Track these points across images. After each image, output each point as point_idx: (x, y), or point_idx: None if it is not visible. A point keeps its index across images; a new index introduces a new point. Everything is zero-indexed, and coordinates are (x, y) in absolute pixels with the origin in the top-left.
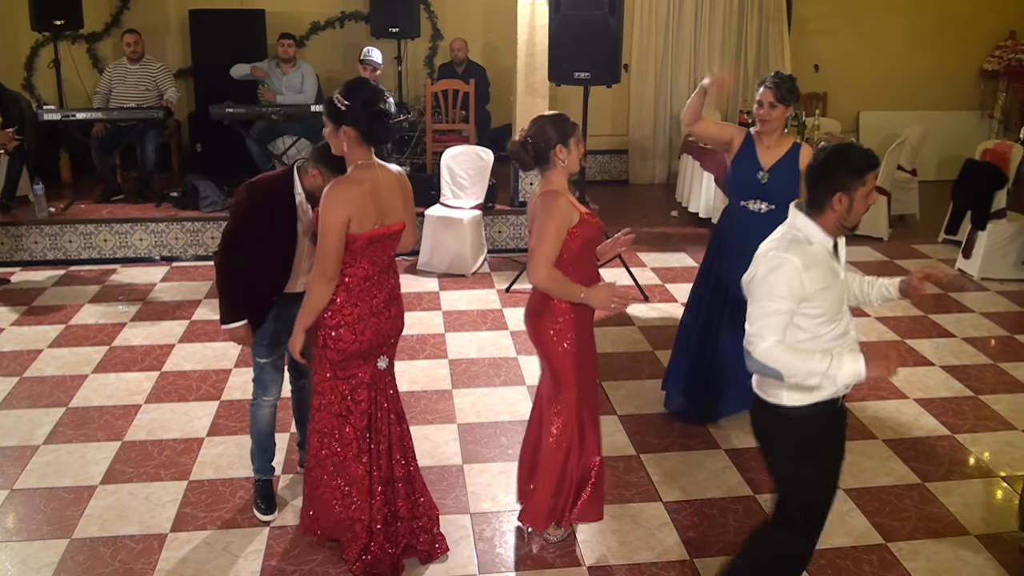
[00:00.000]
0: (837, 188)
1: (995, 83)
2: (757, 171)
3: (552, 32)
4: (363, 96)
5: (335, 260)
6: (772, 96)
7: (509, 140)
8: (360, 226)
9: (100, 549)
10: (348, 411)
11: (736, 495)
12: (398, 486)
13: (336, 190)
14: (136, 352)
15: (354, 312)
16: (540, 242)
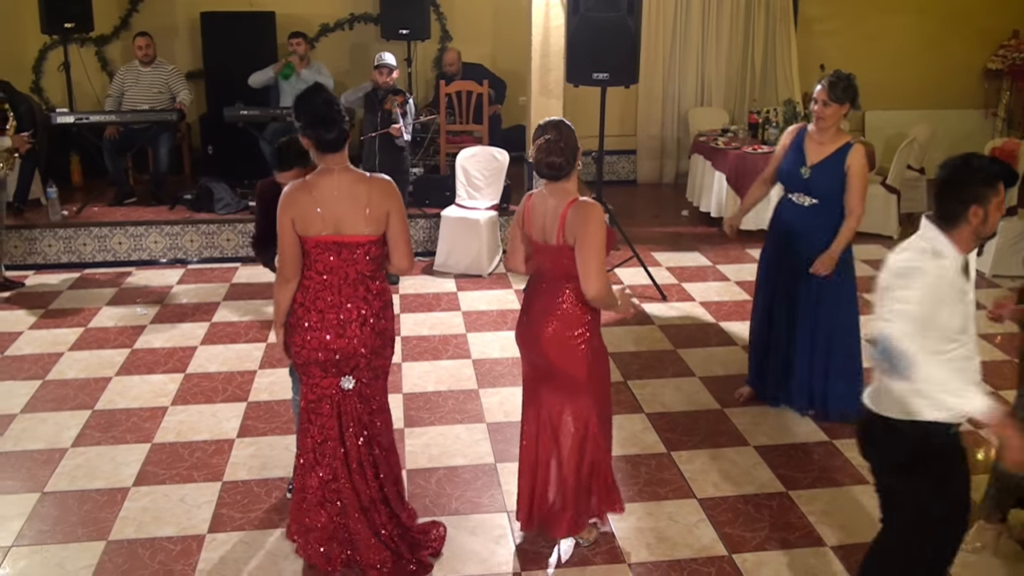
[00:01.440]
0: (972, 201)
1: (999, 82)
2: (801, 166)
3: (570, 33)
4: (309, 105)
5: (287, 259)
6: (826, 95)
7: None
8: (304, 228)
9: (138, 551)
10: (310, 420)
11: (769, 491)
12: (379, 507)
13: (286, 192)
14: (158, 354)
15: (306, 317)
16: (594, 253)
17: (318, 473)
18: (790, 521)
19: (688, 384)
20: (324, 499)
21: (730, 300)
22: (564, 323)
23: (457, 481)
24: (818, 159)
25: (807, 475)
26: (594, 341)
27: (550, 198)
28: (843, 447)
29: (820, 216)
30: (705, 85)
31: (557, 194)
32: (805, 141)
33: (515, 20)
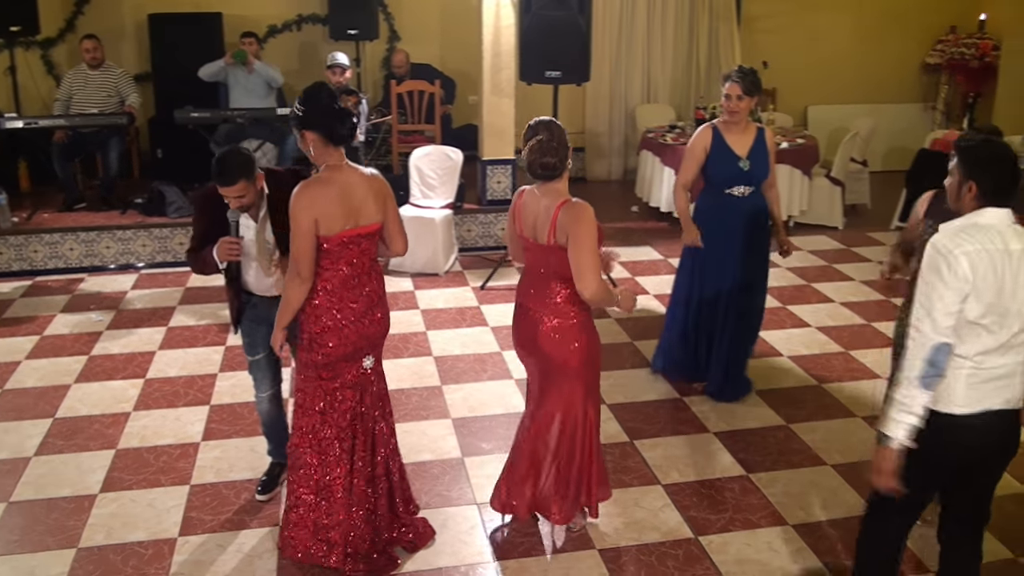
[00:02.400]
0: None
1: (937, 76)
2: (737, 160)
3: (523, 32)
4: (319, 99)
5: (306, 261)
6: (739, 89)
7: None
8: (328, 228)
9: (110, 556)
10: (331, 408)
11: (731, 475)
12: (380, 484)
13: (302, 192)
14: (117, 360)
15: (336, 317)
16: (587, 254)
17: (342, 460)
18: (752, 503)
19: (646, 374)
20: (346, 487)
21: None
22: (559, 317)
23: (425, 476)
24: (747, 149)
25: (766, 458)
26: (588, 333)
27: (543, 198)
28: (799, 430)
29: (755, 201)
30: (651, 83)
31: (549, 194)
32: (725, 138)
33: (463, 20)
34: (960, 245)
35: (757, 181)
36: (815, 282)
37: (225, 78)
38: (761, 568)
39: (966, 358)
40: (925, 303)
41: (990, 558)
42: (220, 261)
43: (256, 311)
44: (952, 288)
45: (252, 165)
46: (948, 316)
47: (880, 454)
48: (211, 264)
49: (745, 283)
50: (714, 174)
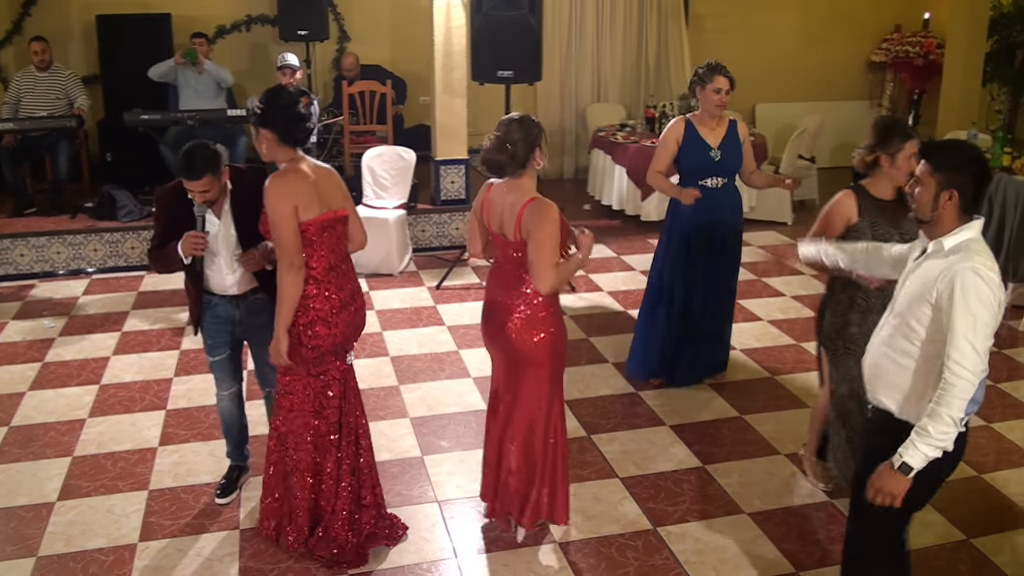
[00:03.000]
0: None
1: (882, 74)
2: (709, 151)
3: (474, 32)
4: (279, 100)
5: (295, 248)
6: (729, 84)
7: (487, 147)
8: (307, 212)
9: (70, 564)
10: (322, 406)
11: (687, 467)
12: (363, 475)
13: (276, 183)
14: (71, 367)
15: (326, 305)
16: (544, 251)
17: (332, 454)
18: (708, 493)
19: (602, 370)
20: (334, 478)
21: (636, 288)
22: (529, 308)
23: (385, 475)
24: (719, 140)
25: (721, 449)
26: (556, 325)
27: (509, 194)
28: (753, 421)
29: (728, 193)
30: (601, 82)
31: (515, 190)
32: (698, 130)
33: (413, 21)
34: (990, 267)
35: (729, 172)
36: (765, 277)
37: (175, 79)
38: (719, 556)
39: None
40: (971, 337)
41: (942, 540)
42: (185, 256)
43: (216, 311)
44: (993, 316)
45: (218, 160)
46: (989, 348)
47: (897, 480)
48: (175, 260)
49: (721, 272)
50: (686, 164)
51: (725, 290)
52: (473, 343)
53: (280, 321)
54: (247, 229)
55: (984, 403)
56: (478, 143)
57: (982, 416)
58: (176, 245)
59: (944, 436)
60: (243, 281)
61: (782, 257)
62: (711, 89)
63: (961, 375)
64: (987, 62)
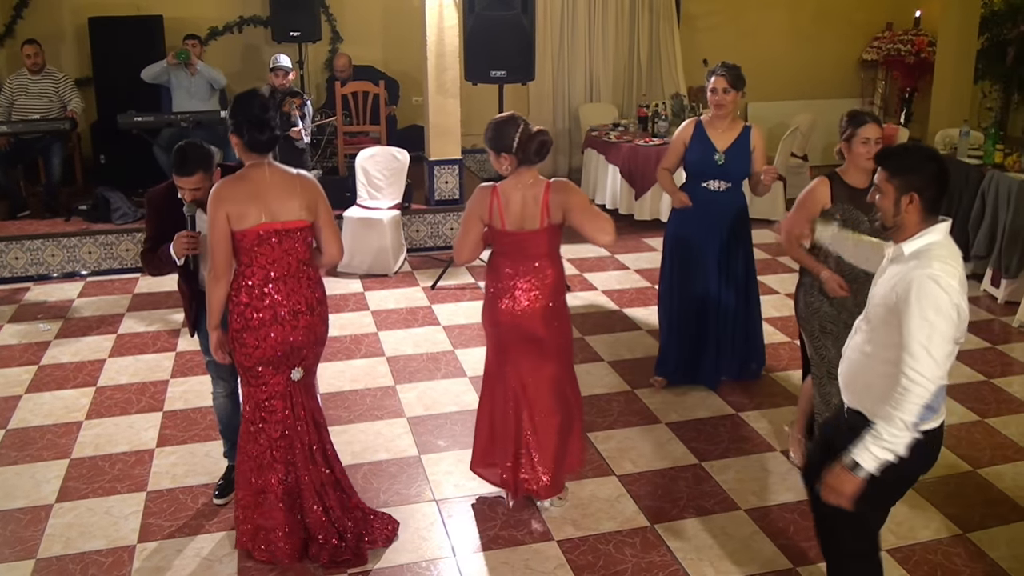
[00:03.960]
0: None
1: (874, 72)
2: (713, 153)
3: (467, 32)
4: (248, 106)
5: (220, 257)
6: (725, 82)
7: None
8: (240, 221)
9: (69, 566)
10: (263, 420)
11: (683, 464)
12: (328, 490)
13: (216, 188)
14: (67, 369)
15: (256, 317)
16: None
17: (278, 471)
18: (705, 490)
19: (597, 368)
20: (284, 494)
21: (631, 288)
22: (554, 296)
23: (383, 475)
24: (727, 144)
25: (717, 447)
26: (566, 308)
27: (528, 189)
28: (748, 419)
29: (732, 198)
30: (594, 81)
31: (535, 184)
32: (706, 131)
33: (405, 22)
34: (949, 272)
35: (733, 177)
36: (760, 275)
37: (168, 80)
38: (716, 552)
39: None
40: (927, 344)
41: (938, 535)
42: (177, 257)
43: None
44: (951, 324)
45: (211, 159)
46: (949, 354)
47: (847, 479)
48: (168, 262)
49: (728, 278)
50: (691, 165)
51: (737, 295)
52: (469, 343)
53: (208, 323)
54: None
55: (977, 398)
56: (470, 143)
57: (976, 411)
58: (168, 247)
59: (895, 440)
60: None
61: (775, 255)
62: (709, 89)
63: (917, 381)
64: (978, 59)
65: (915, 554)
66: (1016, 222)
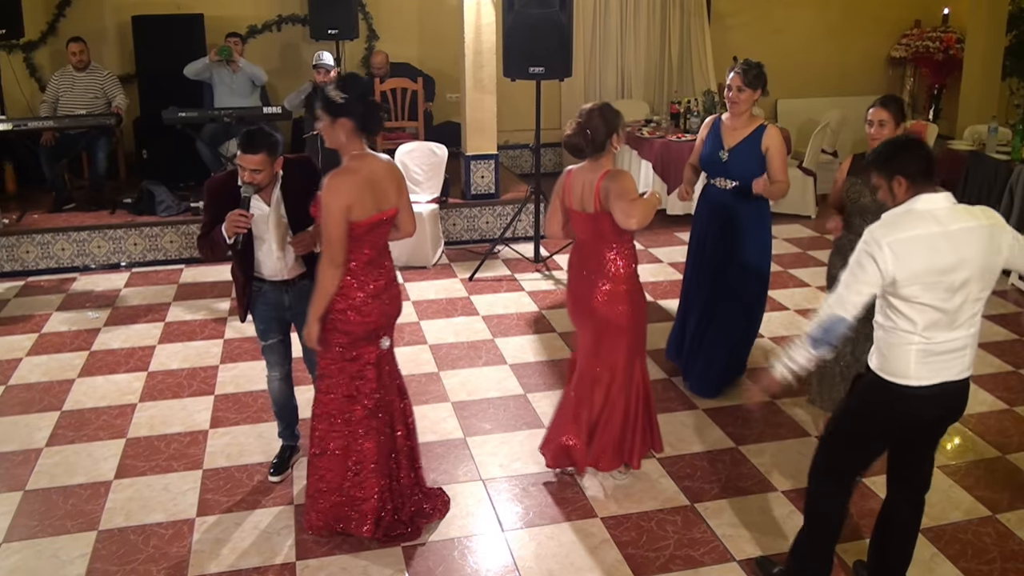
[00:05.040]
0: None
1: (902, 69)
2: (719, 150)
3: (506, 30)
4: (359, 89)
5: (341, 247)
6: (740, 81)
7: (568, 132)
8: (360, 213)
9: (130, 537)
10: (357, 391)
11: (720, 447)
12: (400, 458)
13: (335, 181)
14: (118, 355)
15: (359, 295)
16: (626, 197)
17: (372, 438)
18: (742, 472)
19: None
20: (381, 459)
21: (665, 280)
22: (611, 283)
23: (430, 456)
24: (734, 142)
25: (753, 431)
26: (636, 298)
27: (588, 173)
28: (784, 406)
29: (740, 198)
30: (625, 78)
31: (594, 169)
32: (721, 128)
33: (440, 19)
34: (890, 234)
35: (737, 176)
36: (791, 268)
37: (210, 77)
38: (755, 529)
39: (914, 333)
40: (847, 279)
41: (968, 516)
42: (228, 236)
43: (267, 297)
44: (870, 278)
45: (278, 145)
46: (859, 297)
47: (765, 376)
48: (220, 244)
49: (727, 278)
50: (702, 161)
51: (731, 298)
52: (508, 332)
53: (313, 310)
54: (298, 215)
55: (1006, 388)
56: (504, 139)
57: (1005, 400)
58: (221, 227)
59: (794, 348)
60: (293, 266)
61: (806, 249)
62: (725, 87)
63: (824, 302)
64: (1006, 56)
65: (946, 533)
66: None
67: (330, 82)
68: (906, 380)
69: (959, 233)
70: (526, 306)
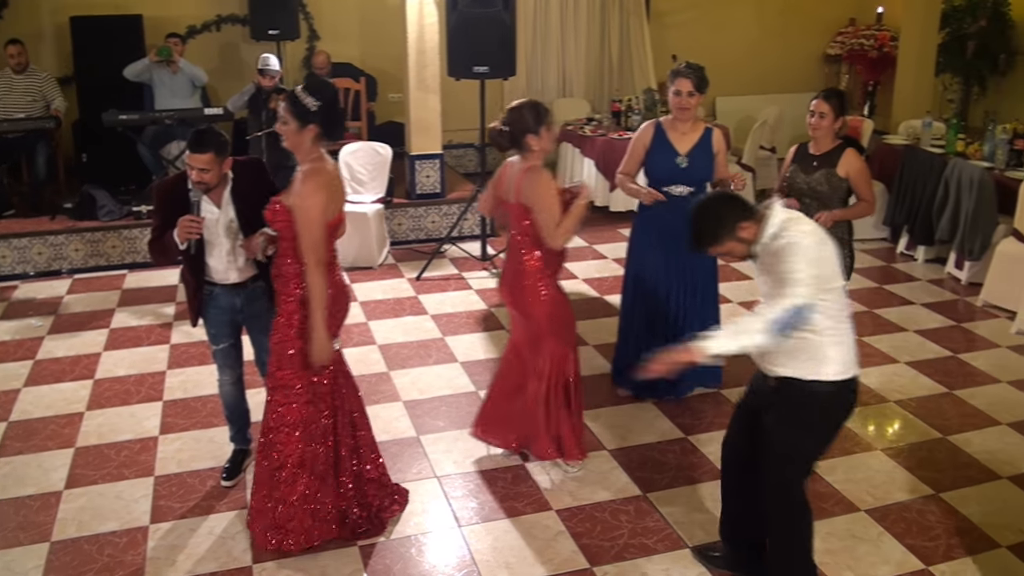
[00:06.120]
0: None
1: (838, 66)
2: (675, 157)
3: (450, 29)
4: (329, 96)
5: (325, 246)
6: (691, 85)
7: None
8: (332, 213)
9: (84, 547)
10: (315, 395)
11: (670, 438)
12: (362, 452)
13: (313, 183)
14: (63, 363)
15: (327, 295)
16: (546, 213)
17: (328, 439)
18: (692, 461)
19: (583, 352)
20: (332, 462)
21: (610, 275)
22: (528, 278)
23: (384, 455)
24: (689, 147)
25: (702, 421)
26: (553, 292)
27: (517, 165)
28: (731, 395)
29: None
30: (567, 77)
31: (521, 163)
32: (667, 134)
33: (382, 19)
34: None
35: (697, 181)
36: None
37: (150, 78)
38: (706, 517)
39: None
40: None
41: (912, 495)
42: (181, 242)
43: (218, 301)
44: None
45: (226, 146)
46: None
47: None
48: (172, 248)
49: (691, 286)
50: (652, 170)
51: (701, 302)
52: (457, 330)
53: (315, 318)
54: (248, 217)
55: (945, 372)
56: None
57: (944, 384)
58: (172, 233)
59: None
60: (244, 269)
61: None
62: (672, 91)
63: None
64: (939, 53)
65: (892, 513)
66: (978, 208)
67: (274, 86)
68: (849, 371)
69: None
70: (475, 304)
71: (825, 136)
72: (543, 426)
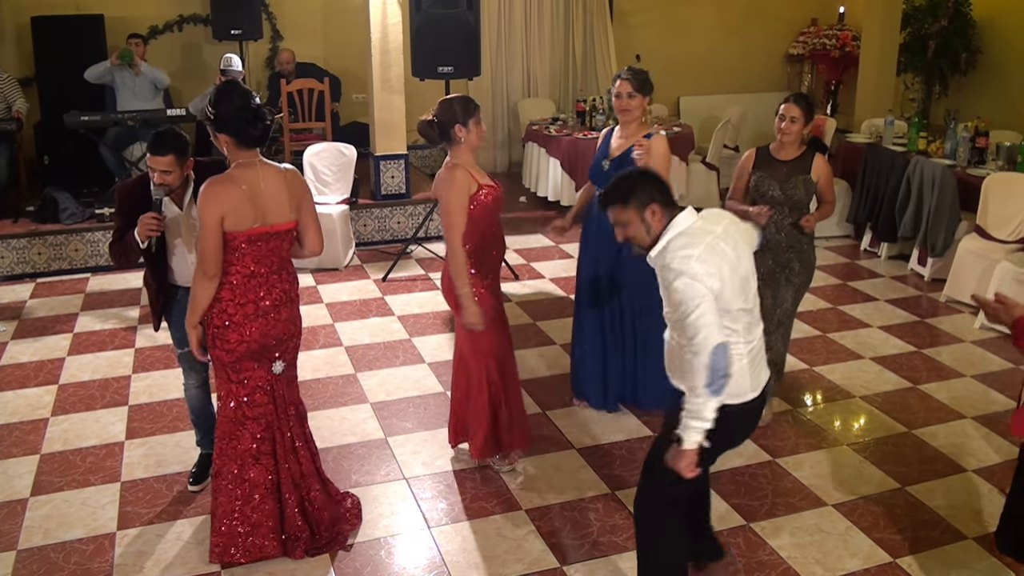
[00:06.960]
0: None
1: (800, 66)
2: (603, 159)
3: (414, 29)
4: (231, 101)
5: (212, 257)
6: (630, 87)
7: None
8: (236, 224)
9: (51, 555)
10: (245, 416)
11: (638, 436)
12: (309, 481)
13: (210, 189)
14: (27, 368)
15: (239, 312)
16: (446, 214)
17: (265, 465)
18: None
19: (550, 351)
20: (272, 487)
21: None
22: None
23: (352, 457)
24: (619, 152)
25: None
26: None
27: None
28: None
29: None
30: (531, 77)
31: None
32: (612, 137)
33: (345, 19)
34: (689, 254)
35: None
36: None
37: (111, 80)
38: None
39: (740, 342)
40: (694, 318)
41: (879, 489)
42: (141, 240)
43: (181, 304)
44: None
45: (187, 147)
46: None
47: (683, 456)
48: (134, 249)
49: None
50: (590, 169)
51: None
52: (424, 331)
53: (188, 318)
54: None
55: (910, 367)
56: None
57: (909, 379)
58: (133, 232)
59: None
60: None
61: None
62: (613, 95)
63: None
64: (901, 53)
65: (859, 507)
66: (940, 205)
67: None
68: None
69: (726, 232)
70: (441, 305)
71: (795, 141)
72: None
